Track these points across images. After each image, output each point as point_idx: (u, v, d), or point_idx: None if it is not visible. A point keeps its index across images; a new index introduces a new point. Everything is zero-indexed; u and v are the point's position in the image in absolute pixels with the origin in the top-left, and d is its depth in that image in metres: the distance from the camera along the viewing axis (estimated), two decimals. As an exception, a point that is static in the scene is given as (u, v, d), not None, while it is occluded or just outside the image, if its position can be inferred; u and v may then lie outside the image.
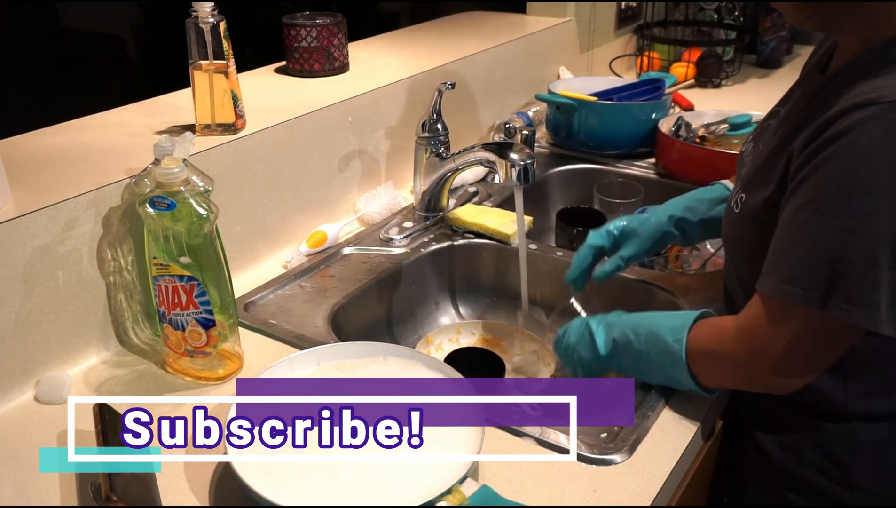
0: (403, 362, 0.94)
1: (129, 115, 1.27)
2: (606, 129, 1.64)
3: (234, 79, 1.16)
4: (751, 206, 0.87)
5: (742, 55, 2.20)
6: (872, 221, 0.72)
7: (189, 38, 1.12)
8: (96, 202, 0.99)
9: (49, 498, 0.80)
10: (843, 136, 0.73)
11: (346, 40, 1.49)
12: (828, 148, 0.74)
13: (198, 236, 0.92)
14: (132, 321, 1.06)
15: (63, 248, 0.96)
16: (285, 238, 1.28)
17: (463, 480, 0.76)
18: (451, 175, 1.34)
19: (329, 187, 1.35)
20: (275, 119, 1.23)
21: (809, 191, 0.76)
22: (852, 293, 0.73)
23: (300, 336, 1.06)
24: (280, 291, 1.18)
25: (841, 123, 0.74)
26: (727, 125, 1.62)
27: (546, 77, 1.91)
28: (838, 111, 0.74)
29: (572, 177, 1.66)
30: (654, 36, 2.21)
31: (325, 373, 0.92)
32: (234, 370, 0.99)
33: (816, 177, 0.75)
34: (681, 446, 0.87)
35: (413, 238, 1.33)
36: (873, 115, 0.72)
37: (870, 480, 0.89)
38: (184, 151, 0.96)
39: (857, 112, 0.73)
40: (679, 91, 1.94)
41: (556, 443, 0.86)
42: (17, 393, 0.95)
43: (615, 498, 0.80)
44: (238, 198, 1.18)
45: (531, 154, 1.15)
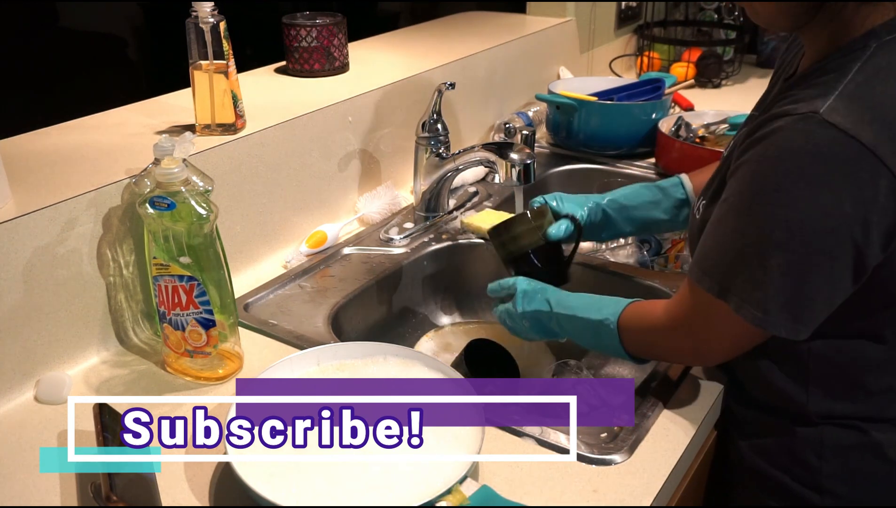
0: (403, 362, 0.94)
1: (129, 115, 1.27)
2: (606, 129, 1.64)
3: (234, 79, 1.16)
4: (707, 211, 0.89)
5: (742, 55, 2.20)
6: (767, 226, 0.77)
7: (189, 38, 1.12)
8: (96, 202, 0.99)
9: (49, 498, 0.80)
10: (758, 143, 0.78)
11: (346, 40, 1.49)
12: (747, 152, 0.79)
13: (198, 236, 0.92)
14: (132, 321, 1.06)
15: (63, 248, 0.96)
16: (285, 238, 1.28)
17: (463, 480, 0.76)
18: (451, 175, 1.34)
19: (329, 187, 1.35)
20: (275, 119, 1.23)
21: (728, 190, 0.82)
22: (743, 290, 0.79)
23: (300, 336, 1.06)
24: (280, 291, 1.18)
25: (762, 130, 0.78)
26: (727, 125, 1.62)
27: (546, 77, 1.91)
28: (763, 119, 0.79)
29: (572, 177, 1.66)
30: (654, 36, 2.21)
31: (325, 373, 0.92)
32: (234, 370, 0.99)
33: (734, 178, 0.81)
34: (681, 446, 0.87)
35: (413, 238, 1.33)
36: (784, 126, 0.75)
37: (838, 483, 0.89)
38: (184, 151, 0.96)
39: (775, 121, 0.77)
40: (679, 91, 1.94)
41: (556, 443, 0.86)
42: (17, 393, 0.95)
43: (615, 498, 0.80)
44: (238, 198, 1.18)
45: (531, 154, 1.15)
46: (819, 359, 0.86)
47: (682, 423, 0.90)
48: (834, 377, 0.87)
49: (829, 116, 0.73)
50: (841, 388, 0.88)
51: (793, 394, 0.89)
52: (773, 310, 0.78)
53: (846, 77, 0.76)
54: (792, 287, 0.77)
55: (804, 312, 0.79)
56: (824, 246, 0.75)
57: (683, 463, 0.88)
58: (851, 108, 0.74)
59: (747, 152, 0.79)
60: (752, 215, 0.78)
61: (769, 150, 0.76)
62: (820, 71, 0.79)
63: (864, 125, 0.73)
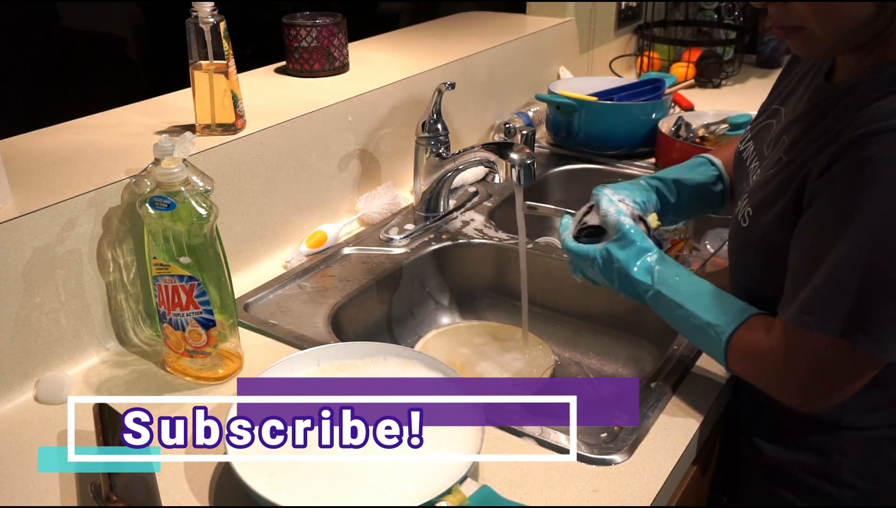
0: (403, 362, 0.94)
1: (129, 115, 1.27)
2: (606, 129, 1.64)
3: (234, 79, 1.16)
4: (761, 224, 0.85)
5: (742, 55, 2.20)
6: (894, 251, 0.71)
7: (189, 38, 1.12)
8: (96, 202, 0.99)
9: (49, 498, 0.80)
10: (867, 163, 0.71)
11: (346, 40, 1.49)
12: (850, 175, 0.72)
13: (198, 236, 0.92)
14: (132, 321, 1.06)
15: (63, 248, 0.96)
16: (285, 238, 1.28)
17: (463, 480, 0.76)
18: (451, 175, 1.34)
19: (329, 187, 1.35)
20: (275, 119, 1.23)
21: (829, 216, 0.74)
22: (870, 324, 0.73)
23: (300, 336, 1.06)
24: (280, 291, 1.18)
25: (863, 148, 0.71)
26: (727, 125, 1.62)
27: (546, 77, 1.91)
28: (860, 135, 0.72)
29: (572, 177, 1.66)
30: (654, 36, 2.21)
31: (325, 373, 0.92)
32: (234, 370, 0.99)
33: (838, 204, 0.73)
34: (681, 446, 0.87)
35: (413, 238, 1.33)
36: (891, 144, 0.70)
37: (856, 477, 0.89)
38: (184, 151, 0.96)
39: (880, 137, 0.71)
40: (679, 91, 1.93)
41: (556, 443, 0.86)
42: (17, 393, 0.95)
43: (615, 498, 0.80)
44: (238, 198, 1.18)
45: (531, 154, 1.15)
46: None
47: (682, 423, 0.90)
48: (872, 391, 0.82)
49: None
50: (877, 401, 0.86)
51: None
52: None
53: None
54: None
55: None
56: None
57: (684, 463, 0.88)
58: None
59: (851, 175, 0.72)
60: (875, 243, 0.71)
61: (882, 169, 0.70)
62: None
63: None
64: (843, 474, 0.89)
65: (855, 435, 0.88)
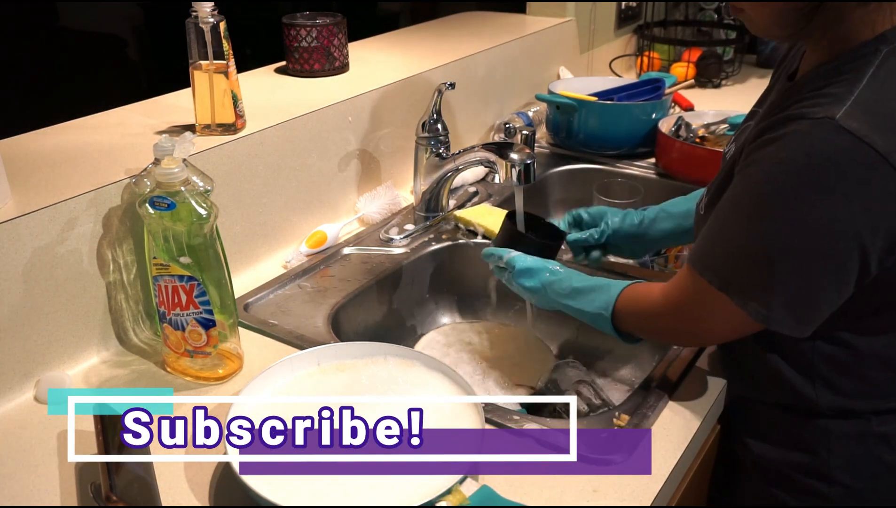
0: (403, 362, 0.94)
1: (129, 115, 1.27)
2: (606, 129, 1.64)
3: (234, 79, 1.16)
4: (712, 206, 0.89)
5: (742, 55, 2.20)
6: (778, 229, 0.78)
7: (189, 38, 1.12)
8: (96, 202, 0.99)
9: (49, 498, 0.80)
10: (771, 144, 0.77)
11: (346, 40, 1.49)
12: (758, 152, 0.79)
13: (198, 236, 0.92)
14: (132, 321, 1.06)
15: (63, 248, 0.96)
16: (285, 238, 1.28)
17: (463, 480, 0.76)
18: (451, 175, 1.34)
19: (329, 187, 1.35)
20: (275, 119, 1.23)
21: (736, 188, 0.82)
22: (749, 288, 0.80)
23: (300, 336, 1.06)
24: (280, 291, 1.18)
25: (774, 131, 0.78)
26: (727, 125, 1.62)
27: (546, 77, 1.91)
28: (776, 120, 0.79)
29: (572, 177, 1.66)
30: (654, 36, 2.21)
31: (325, 373, 0.92)
32: (234, 370, 0.99)
33: (743, 176, 0.81)
34: (681, 446, 0.87)
35: (413, 238, 1.33)
36: (799, 129, 0.75)
37: (845, 474, 0.90)
38: (184, 151, 0.96)
39: (789, 124, 0.76)
40: (679, 91, 1.93)
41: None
42: (17, 393, 0.95)
43: (615, 498, 0.80)
44: (238, 198, 1.18)
45: (531, 154, 1.15)
46: (825, 360, 0.87)
47: (682, 422, 0.90)
48: (842, 377, 0.88)
49: (844, 123, 0.73)
50: (849, 387, 0.88)
51: (801, 389, 0.89)
52: (777, 308, 0.79)
53: (860, 82, 0.76)
54: (798, 289, 0.78)
55: (808, 312, 0.80)
56: (834, 251, 0.76)
57: (684, 463, 0.88)
58: (867, 114, 0.74)
59: (758, 152, 0.79)
60: (763, 218, 0.79)
61: (783, 152, 0.76)
62: (832, 72, 0.79)
63: (879, 132, 0.73)
64: (832, 471, 0.90)
65: (840, 429, 0.89)
